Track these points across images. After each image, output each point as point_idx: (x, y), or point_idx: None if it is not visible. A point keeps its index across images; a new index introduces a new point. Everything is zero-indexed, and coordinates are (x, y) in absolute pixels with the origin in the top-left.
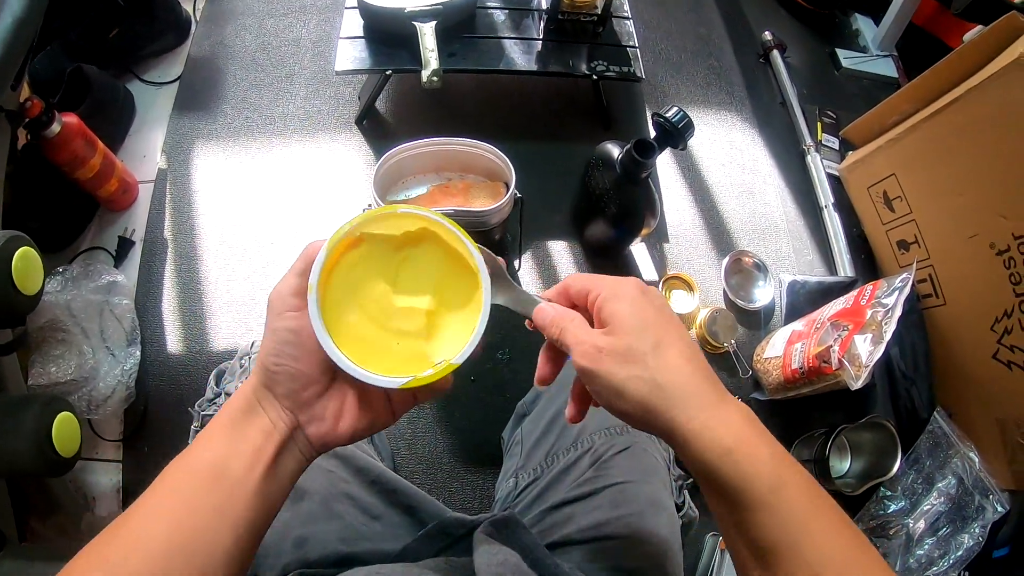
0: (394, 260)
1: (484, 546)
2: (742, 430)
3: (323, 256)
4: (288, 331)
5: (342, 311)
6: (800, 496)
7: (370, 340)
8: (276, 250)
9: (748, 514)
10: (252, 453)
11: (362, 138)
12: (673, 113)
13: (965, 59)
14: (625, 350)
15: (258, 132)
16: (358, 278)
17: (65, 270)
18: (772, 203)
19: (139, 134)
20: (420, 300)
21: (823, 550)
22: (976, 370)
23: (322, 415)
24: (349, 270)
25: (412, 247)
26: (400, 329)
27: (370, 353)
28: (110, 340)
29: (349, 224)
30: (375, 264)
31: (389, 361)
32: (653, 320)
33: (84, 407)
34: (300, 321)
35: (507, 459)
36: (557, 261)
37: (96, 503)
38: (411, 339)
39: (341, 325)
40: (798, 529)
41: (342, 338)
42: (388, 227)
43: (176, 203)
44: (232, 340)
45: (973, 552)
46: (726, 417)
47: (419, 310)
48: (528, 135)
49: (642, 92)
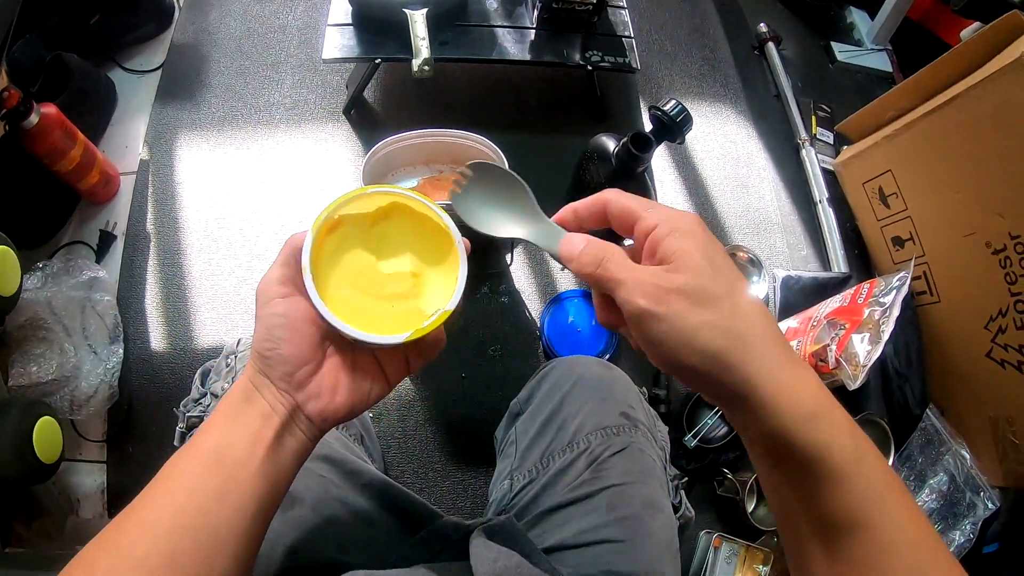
0: (372, 235)
1: (482, 548)
2: (820, 394)
3: (310, 241)
4: (277, 316)
5: (335, 288)
6: (878, 471)
7: (367, 309)
8: (262, 244)
9: (824, 486)
10: (251, 436)
11: (350, 128)
12: (671, 107)
13: (964, 56)
14: (700, 292)
15: (243, 121)
16: (343, 256)
17: (45, 266)
18: (767, 197)
19: (120, 124)
20: (403, 263)
21: (896, 529)
22: (969, 368)
23: (318, 392)
24: (334, 250)
25: (385, 221)
26: (392, 293)
27: (370, 321)
28: (92, 338)
29: (327, 209)
30: (356, 241)
31: (389, 324)
32: (724, 264)
33: (66, 407)
34: (288, 306)
35: (501, 460)
36: (549, 256)
37: (80, 505)
38: (404, 300)
39: (338, 301)
40: (876, 506)
41: (341, 312)
42: (362, 206)
43: (159, 195)
44: (217, 337)
45: (964, 549)
46: (804, 378)
47: (404, 272)
48: (520, 126)
49: (636, 83)
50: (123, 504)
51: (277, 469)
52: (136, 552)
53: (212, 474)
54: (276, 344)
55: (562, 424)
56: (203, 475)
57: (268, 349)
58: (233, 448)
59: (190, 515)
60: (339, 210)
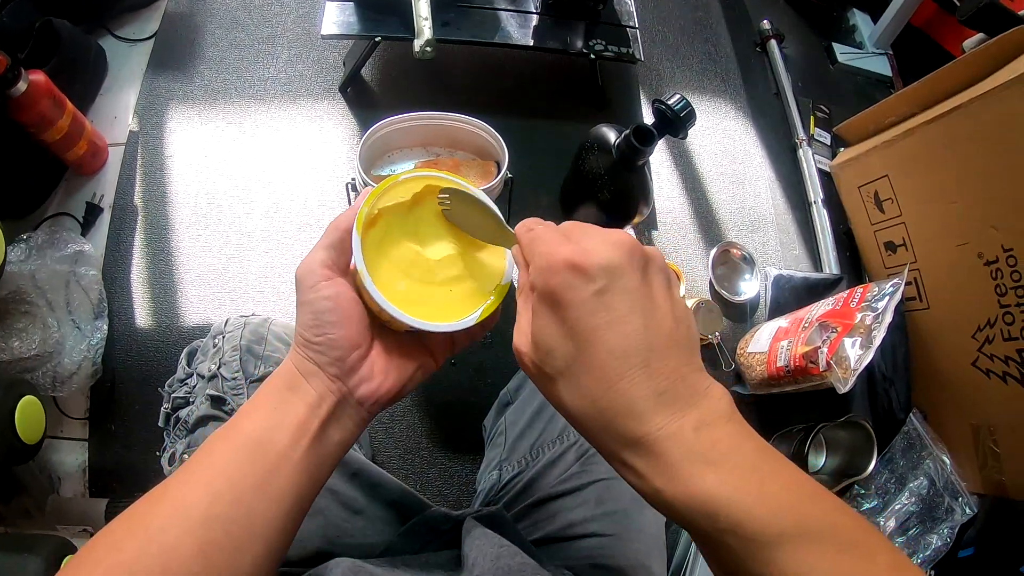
0: (410, 222)
1: (477, 531)
2: None
3: (359, 243)
4: (325, 299)
5: (391, 283)
6: None
7: (429, 299)
8: (252, 221)
9: None
10: (296, 426)
11: (345, 106)
12: (675, 101)
13: (968, 67)
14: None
15: (236, 95)
16: (390, 250)
17: (30, 237)
18: (762, 195)
19: (110, 94)
20: (447, 246)
21: None
22: (955, 375)
23: (370, 375)
24: (378, 244)
25: (419, 206)
26: (447, 278)
27: (437, 310)
28: (76, 313)
29: (365, 206)
30: (398, 232)
31: (453, 309)
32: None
33: (48, 384)
34: (335, 288)
35: (489, 449)
36: None
37: (62, 483)
38: (459, 283)
39: (400, 297)
40: None
41: (409, 309)
42: (397, 195)
43: (148, 168)
44: (204, 315)
45: (941, 552)
46: None
47: (452, 255)
48: (519, 112)
49: (637, 75)
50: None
51: (319, 461)
52: (167, 538)
53: (252, 464)
54: (327, 329)
55: (552, 415)
56: (242, 464)
57: (318, 335)
58: (276, 438)
59: (225, 504)
60: (377, 204)
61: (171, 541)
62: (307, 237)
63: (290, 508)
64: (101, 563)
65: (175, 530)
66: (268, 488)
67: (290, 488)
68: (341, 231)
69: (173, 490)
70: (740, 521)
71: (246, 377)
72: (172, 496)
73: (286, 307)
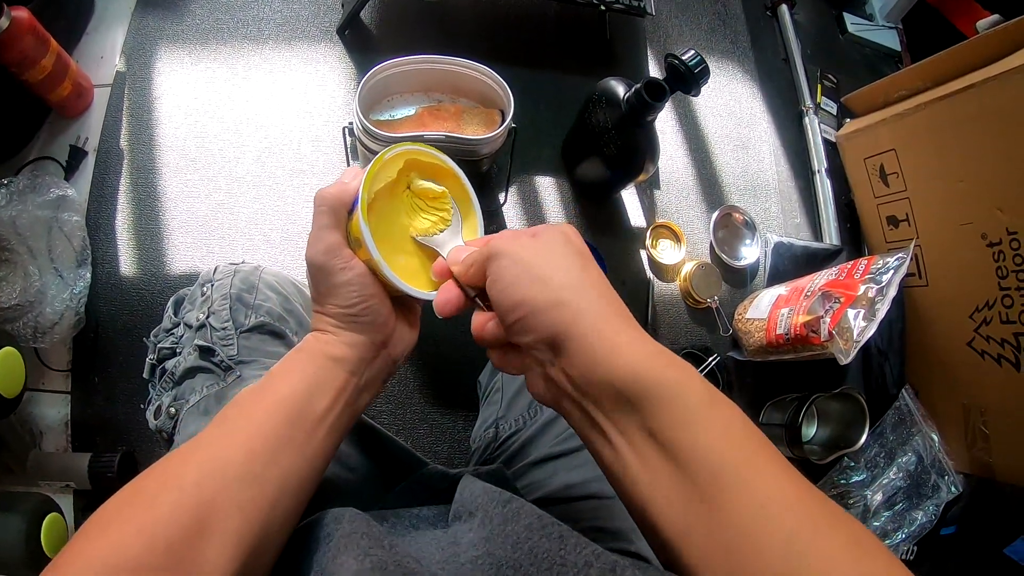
0: (398, 198)
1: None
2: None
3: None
4: (360, 277)
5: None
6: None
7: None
8: (243, 166)
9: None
10: (335, 392)
11: (343, 49)
12: (690, 56)
13: (984, 47)
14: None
15: (228, 35)
16: (387, 229)
17: (10, 182)
18: (765, 161)
19: (97, 32)
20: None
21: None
22: (949, 354)
23: (401, 336)
24: (376, 228)
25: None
26: None
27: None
28: (58, 261)
29: (362, 196)
30: (388, 210)
31: None
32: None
33: (29, 335)
34: (360, 266)
35: (485, 406)
36: (544, 198)
37: (43, 438)
38: None
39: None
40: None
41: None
42: (386, 176)
43: (135, 111)
44: (191, 263)
45: (925, 529)
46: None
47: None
48: (523, 62)
49: (645, 30)
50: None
51: (350, 422)
52: (203, 493)
53: (291, 426)
54: (369, 303)
55: None
56: (279, 426)
57: (363, 310)
58: (315, 402)
59: (261, 463)
60: (372, 190)
61: (207, 496)
62: (299, 183)
63: (319, 468)
64: (133, 520)
65: (212, 485)
66: (306, 449)
67: (322, 450)
68: (339, 204)
69: (207, 445)
70: (659, 381)
71: (236, 327)
72: (206, 452)
73: (276, 255)
